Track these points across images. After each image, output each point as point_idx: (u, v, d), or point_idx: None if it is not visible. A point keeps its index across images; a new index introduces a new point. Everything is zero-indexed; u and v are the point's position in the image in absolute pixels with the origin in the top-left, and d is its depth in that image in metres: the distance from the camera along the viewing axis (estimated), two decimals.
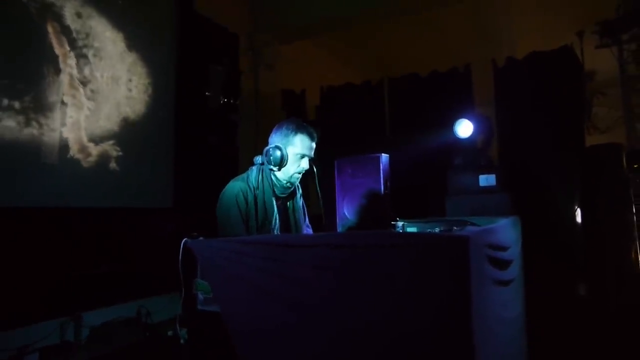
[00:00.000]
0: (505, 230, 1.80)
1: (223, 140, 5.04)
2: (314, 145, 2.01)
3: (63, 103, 3.44)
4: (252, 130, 5.56)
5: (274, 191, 1.99)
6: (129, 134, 3.98)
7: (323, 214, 2.12)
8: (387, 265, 1.05)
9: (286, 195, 2.06)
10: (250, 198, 1.92)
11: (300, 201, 2.18)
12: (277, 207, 2.01)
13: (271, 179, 1.99)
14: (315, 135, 2.01)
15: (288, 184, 2.01)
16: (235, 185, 1.94)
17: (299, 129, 1.97)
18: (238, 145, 5.22)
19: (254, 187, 1.94)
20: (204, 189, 4.61)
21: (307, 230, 2.22)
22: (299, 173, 2.00)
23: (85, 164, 3.59)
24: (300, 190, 2.20)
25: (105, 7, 3.82)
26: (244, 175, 2.02)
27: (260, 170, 1.99)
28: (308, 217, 2.25)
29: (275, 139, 1.99)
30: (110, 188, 3.79)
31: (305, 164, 1.98)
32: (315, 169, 2.01)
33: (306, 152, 1.98)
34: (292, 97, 6.18)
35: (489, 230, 1.47)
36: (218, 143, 4.96)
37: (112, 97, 3.85)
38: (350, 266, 1.11)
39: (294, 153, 1.96)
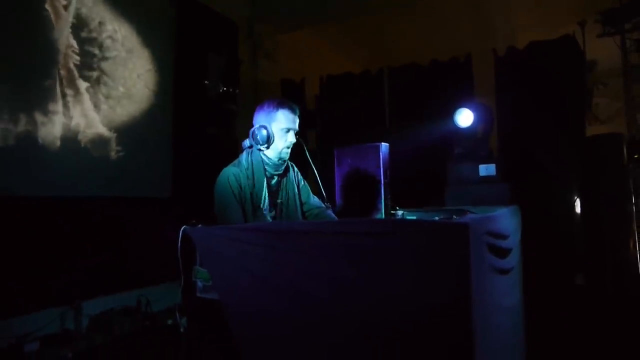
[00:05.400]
0: (505, 219, 1.80)
1: (222, 129, 5.02)
2: (297, 118, 2.05)
3: (61, 92, 3.41)
4: (251, 120, 5.53)
5: (265, 170, 2.03)
6: (127, 123, 3.95)
7: (322, 191, 2.13)
8: (388, 252, 1.05)
9: (280, 173, 2.09)
10: (244, 181, 1.96)
11: (294, 177, 2.18)
12: (272, 186, 2.05)
13: (261, 158, 2.02)
14: (296, 108, 2.06)
15: (279, 161, 2.05)
16: (227, 171, 1.98)
17: (280, 105, 2.02)
18: (237, 135, 5.20)
19: (245, 169, 1.98)
20: (203, 179, 4.59)
21: (314, 200, 2.21)
22: (288, 147, 2.04)
23: (83, 153, 3.57)
24: (296, 168, 2.22)
25: None
26: (236, 160, 2.06)
27: (250, 153, 2.03)
28: (311, 192, 2.25)
29: (259, 119, 2.04)
30: (109, 177, 3.78)
31: (292, 138, 2.03)
32: (303, 143, 2.07)
33: (290, 125, 2.02)
34: (291, 87, 6.14)
35: (489, 218, 1.47)
36: (217, 132, 4.94)
37: (110, 86, 3.82)
38: (350, 253, 1.11)
39: (279, 129, 2.00)
